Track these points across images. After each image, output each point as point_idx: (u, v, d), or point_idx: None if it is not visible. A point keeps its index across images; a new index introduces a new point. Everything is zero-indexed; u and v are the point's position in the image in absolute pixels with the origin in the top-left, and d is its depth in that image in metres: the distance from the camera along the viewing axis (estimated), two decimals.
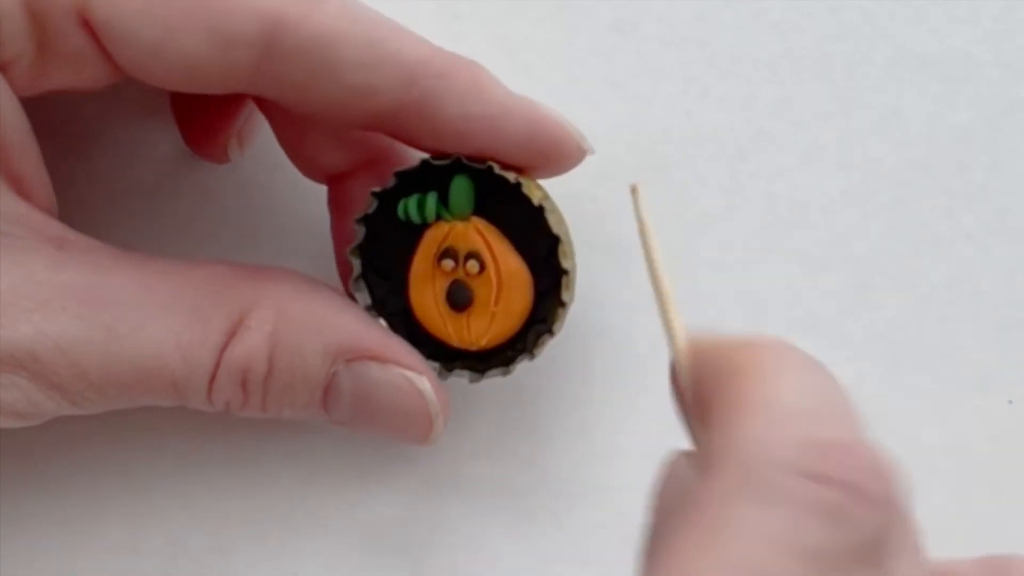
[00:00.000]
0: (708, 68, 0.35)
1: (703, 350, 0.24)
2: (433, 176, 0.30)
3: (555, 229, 0.30)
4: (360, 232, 0.31)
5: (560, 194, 0.31)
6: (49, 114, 0.30)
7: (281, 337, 0.29)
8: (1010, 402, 0.34)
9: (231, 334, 0.29)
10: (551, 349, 0.31)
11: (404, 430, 0.31)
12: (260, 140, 0.34)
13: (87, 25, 0.28)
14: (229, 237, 0.35)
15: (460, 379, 0.31)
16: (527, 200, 0.30)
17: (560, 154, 0.30)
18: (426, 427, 0.31)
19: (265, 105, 0.32)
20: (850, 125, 0.35)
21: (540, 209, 0.30)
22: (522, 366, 0.31)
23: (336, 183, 0.32)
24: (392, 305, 0.31)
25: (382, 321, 0.31)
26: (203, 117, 0.33)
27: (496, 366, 0.31)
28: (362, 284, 0.31)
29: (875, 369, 0.34)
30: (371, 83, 0.29)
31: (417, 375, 0.30)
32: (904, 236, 0.35)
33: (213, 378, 0.29)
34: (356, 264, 0.31)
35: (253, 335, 0.29)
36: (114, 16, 0.28)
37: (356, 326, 0.30)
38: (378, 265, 0.31)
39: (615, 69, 0.35)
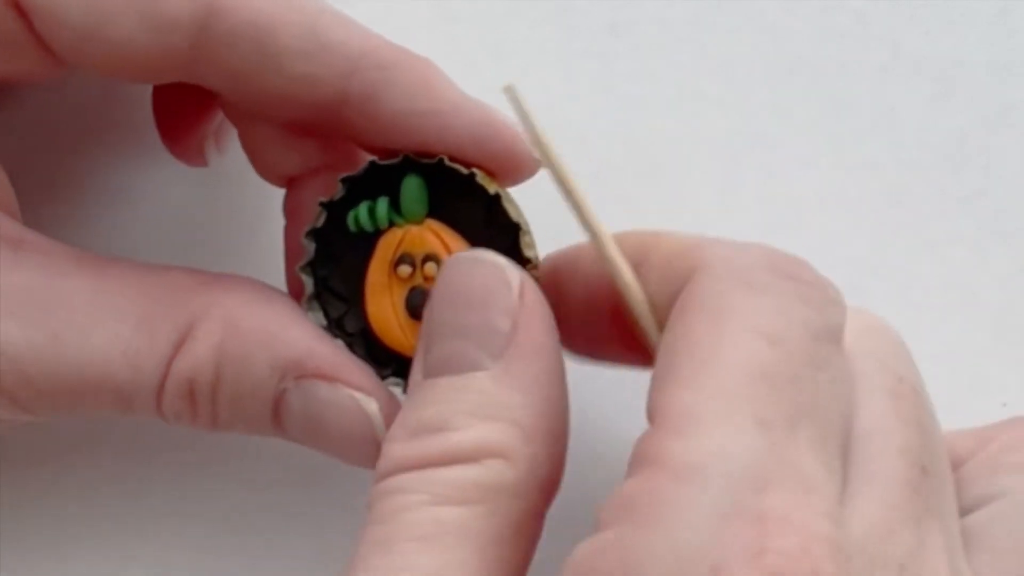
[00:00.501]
0: (703, 71, 0.35)
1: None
2: (382, 179, 0.29)
3: (515, 218, 0.29)
4: (310, 248, 0.29)
5: (555, 198, 0.31)
6: (13, 112, 0.30)
7: (228, 349, 0.28)
8: (1004, 405, 0.34)
9: (179, 344, 0.28)
10: None
11: (350, 453, 0.29)
12: (236, 143, 0.34)
13: (18, 8, 0.27)
14: (199, 241, 0.35)
15: None
16: (482, 191, 0.28)
17: (512, 158, 0.29)
18: (372, 452, 0.28)
19: (226, 105, 0.31)
20: (844, 127, 0.35)
21: (496, 198, 0.29)
22: None
23: (293, 187, 0.31)
24: (349, 323, 0.30)
25: (339, 342, 0.29)
26: (179, 117, 0.33)
27: None
28: (315, 304, 0.29)
29: None
30: (312, 72, 0.28)
31: (365, 397, 0.29)
32: (898, 238, 0.35)
33: (161, 388, 0.28)
34: (308, 282, 0.29)
35: (200, 345, 0.28)
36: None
37: (307, 342, 0.29)
38: (331, 280, 0.30)
39: (610, 72, 0.35)
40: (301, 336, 0.29)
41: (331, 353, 0.29)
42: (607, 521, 0.22)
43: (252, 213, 0.35)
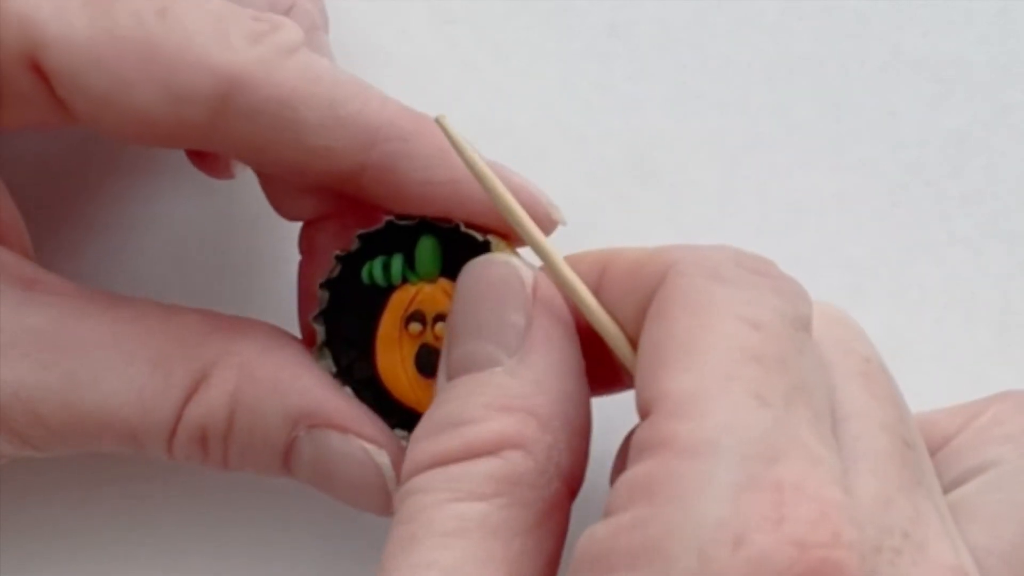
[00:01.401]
0: (702, 72, 0.35)
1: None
2: (398, 236, 0.29)
3: None
4: (324, 297, 0.30)
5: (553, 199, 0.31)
6: (24, 147, 0.30)
7: (242, 397, 0.29)
8: None
9: (192, 390, 0.28)
10: None
11: (361, 501, 0.30)
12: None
13: (38, 71, 0.27)
14: (217, 267, 0.35)
15: None
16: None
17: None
18: (383, 500, 0.29)
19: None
20: (844, 128, 0.35)
21: None
22: None
23: (308, 225, 0.31)
24: (359, 372, 0.30)
25: (348, 390, 0.30)
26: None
27: None
28: (326, 352, 0.30)
29: None
30: (330, 145, 0.28)
31: (377, 449, 0.29)
32: (898, 239, 0.35)
33: (173, 433, 0.28)
34: (320, 331, 0.30)
35: (214, 393, 0.28)
36: (65, 65, 0.27)
37: (320, 391, 0.29)
38: (343, 330, 0.30)
39: (609, 73, 0.35)
40: (314, 385, 0.29)
41: (344, 404, 0.29)
42: (620, 505, 0.23)
43: (269, 233, 0.35)
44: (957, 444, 0.27)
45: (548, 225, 0.29)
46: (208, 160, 0.33)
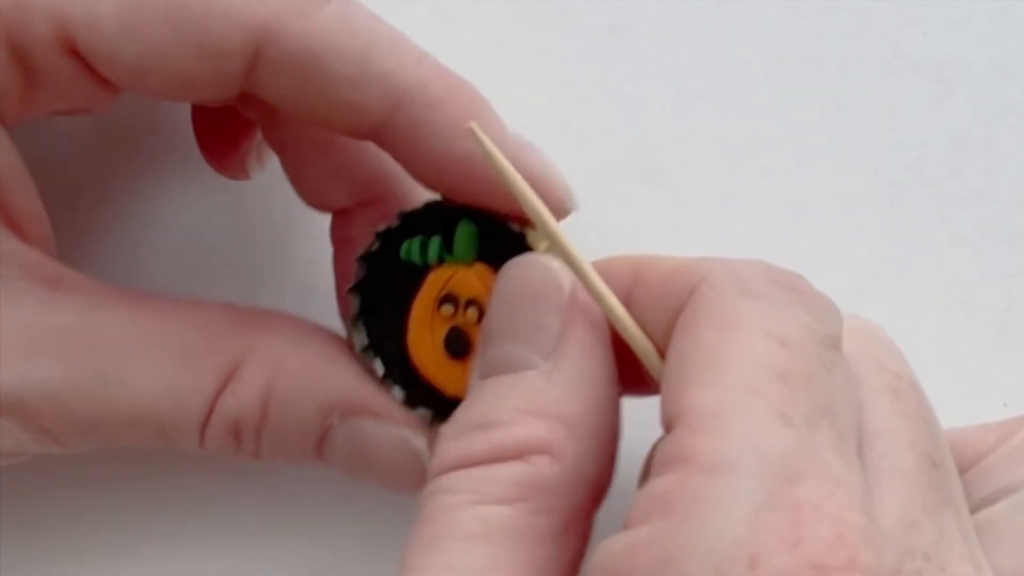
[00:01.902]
0: (702, 72, 0.35)
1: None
2: (438, 218, 0.30)
3: None
4: (360, 270, 0.30)
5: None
6: (47, 142, 0.30)
7: (275, 389, 0.29)
8: (1005, 405, 0.34)
9: (224, 383, 0.28)
10: None
11: (398, 485, 0.30)
12: (274, 164, 0.34)
13: (73, 52, 0.27)
14: (234, 266, 0.35)
15: None
16: (531, 252, 0.29)
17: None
18: (420, 483, 0.29)
19: (268, 134, 0.32)
20: (844, 128, 0.35)
21: None
22: None
23: (340, 216, 0.32)
24: (389, 346, 0.30)
25: (378, 362, 0.30)
26: (222, 133, 0.33)
27: None
28: (360, 324, 0.30)
29: None
30: (358, 101, 0.28)
31: (412, 433, 0.30)
32: (898, 239, 0.35)
33: (205, 426, 0.29)
34: (355, 302, 0.30)
35: (247, 386, 0.28)
36: (96, 41, 0.27)
37: (352, 380, 0.29)
38: (378, 305, 0.30)
39: (609, 73, 0.35)
40: (346, 375, 0.29)
41: (375, 390, 0.30)
42: (638, 519, 0.23)
43: (285, 232, 0.35)
44: (988, 463, 0.27)
45: (561, 212, 0.29)
46: (224, 162, 0.33)
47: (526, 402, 0.26)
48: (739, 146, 0.35)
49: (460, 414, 0.27)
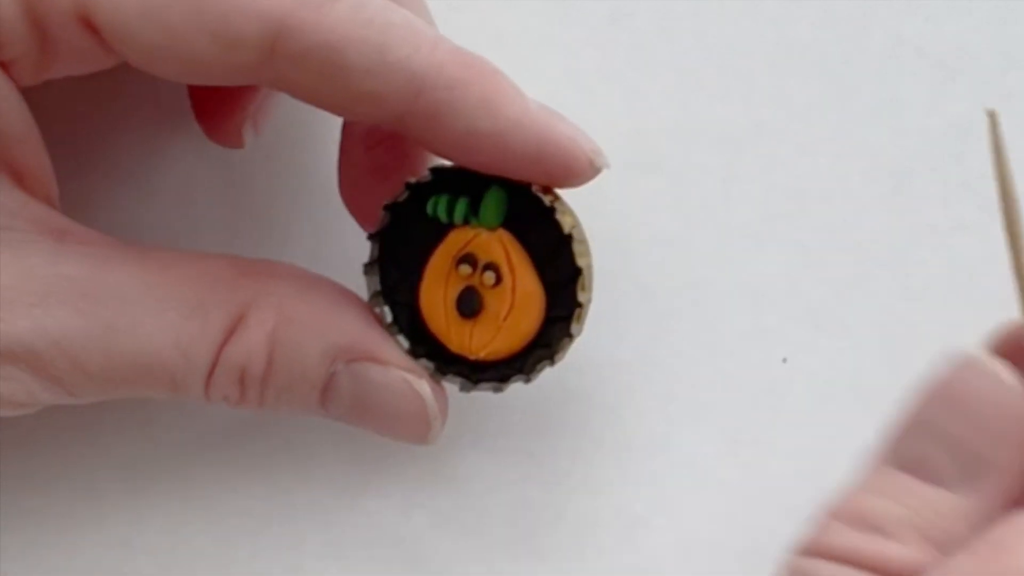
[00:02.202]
0: (704, 59, 0.35)
1: None
2: (469, 180, 0.30)
3: (579, 261, 0.30)
4: (385, 218, 0.30)
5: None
6: (52, 99, 0.30)
7: (281, 336, 0.29)
8: None
9: (230, 331, 0.29)
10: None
11: (402, 431, 0.31)
12: (272, 126, 0.34)
13: (90, 27, 0.27)
14: (233, 224, 0.35)
15: (450, 384, 0.31)
16: (558, 226, 0.30)
17: (568, 174, 0.29)
18: (424, 429, 0.30)
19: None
20: (846, 115, 0.35)
21: (568, 238, 0.30)
22: (515, 387, 0.31)
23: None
24: (400, 296, 0.31)
25: (387, 310, 0.31)
26: (217, 101, 0.33)
27: (490, 380, 0.31)
28: (375, 269, 0.31)
29: (873, 359, 0.34)
30: (376, 90, 0.28)
31: (416, 378, 0.30)
32: (901, 226, 0.35)
33: (211, 375, 0.29)
34: (374, 249, 0.31)
35: (253, 333, 0.29)
36: (115, 19, 0.27)
37: (357, 326, 0.30)
38: (396, 254, 0.31)
39: (611, 61, 0.35)
40: (351, 321, 0.30)
41: (381, 336, 0.30)
42: None
43: (284, 195, 0.35)
44: None
45: (591, 172, 0.29)
46: (219, 130, 0.33)
47: (928, 525, 0.25)
48: (741, 133, 0.35)
49: (857, 494, 0.26)
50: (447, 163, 0.30)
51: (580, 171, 0.29)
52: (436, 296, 0.30)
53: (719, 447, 0.34)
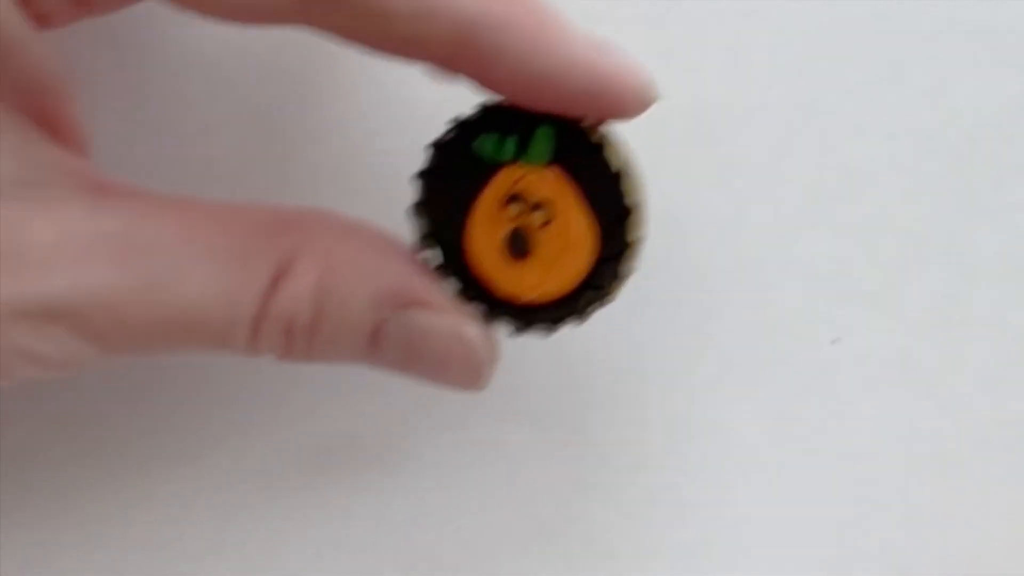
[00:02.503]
0: (757, 38, 0.35)
1: None
2: (518, 116, 0.29)
3: (628, 199, 0.29)
4: (431, 157, 0.30)
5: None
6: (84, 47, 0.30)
7: (328, 284, 0.28)
8: None
9: (276, 280, 0.28)
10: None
11: (453, 377, 0.30)
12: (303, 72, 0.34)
13: None
14: (269, 173, 0.34)
15: (502, 328, 0.30)
16: (606, 164, 0.29)
17: (621, 108, 0.29)
18: (475, 374, 0.30)
19: None
20: (900, 95, 0.35)
21: (617, 176, 0.29)
22: (567, 328, 0.30)
23: None
24: (447, 237, 0.30)
25: (434, 253, 0.30)
26: None
27: (541, 323, 0.30)
28: (421, 211, 0.30)
29: (926, 340, 0.34)
30: (421, 34, 0.27)
31: (466, 322, 0.29)
32: (954, 206, 0.35)
33: (258, 326, 0.28)
34: (420, 189, 0.30)
35: (299, 282, 0.28)
36: None
37: (404, 272, 0.29)
38: (441, 195, 0.30)
39: (664, 39, 0.35)
40: (398, 266, 0.29)
41: (428, 282, 0.29)
42: None
43: (319, 141, 0.35)
44: None
45: (643, 104, 0.29)
46: None
47: None
48: (794, 113, 0.35)
49: None
50: (495, 98, 0.29)
51: (633, 104, 0.29)
52: (484, 237, 0.30)
53: (769, 427, 0.33)
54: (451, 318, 0.29)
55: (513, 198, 0.29)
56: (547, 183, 0.29)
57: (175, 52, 0.34)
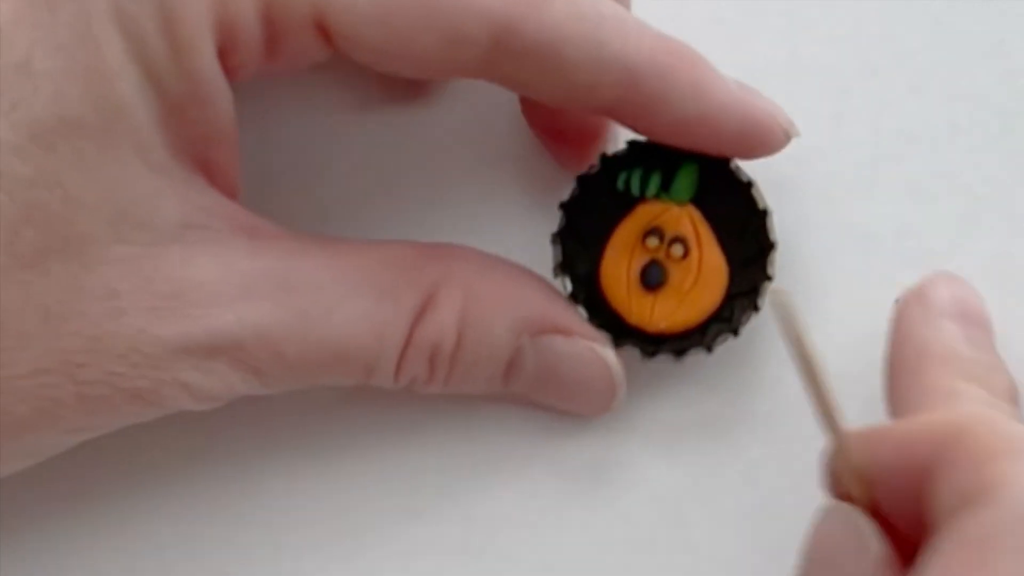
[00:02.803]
0: (812, 2, 0.35)
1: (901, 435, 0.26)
2: (663, 153, 0.31)
3: (772, 237, 0.31)
4: (574, 190, 0.31)
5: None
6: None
7: (470, 313, 0.30)
8: None
9: (421, 312, 0.30)
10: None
11: (587, 400, 0.32)
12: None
13: (322, 30, 0.28)
14: (407, 211, 0.35)
15: (629, 353, 0.31)
16: (753, 201, 0.31)
17: (765, 147, 0.31)
18: (609, 396, 0.32)
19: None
20: (955, 56, 0.35)
21: (764, 212, 0.31)
22: (693, 358, 0.31)
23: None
24: (580, 269, 0.31)
25: (567, 280, 0.31)
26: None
27: (667, 351, 0.31)
28: (557, 241, 0.31)
29: (987, 300, 0.34)
30: (593, 82, 0.29)
31: (602, 346, 0.31)
32: (1012, 167, 0.35)
33: (403, 356, 0.30)
34: (561, 219, 0.31)
35: (443, 312, 0.30)
36: (351, 26, 0.28)
37: (540, 300, 0.31)
38: (580, 226, 0.31)
39: (719, 5, 0.35)
40: (535, 295, 0.31)
41: (565, 308, 0.31)
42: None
43: (454, 177, 0.35)
44: None
45: (785, 143, 0.31)
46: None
47: None
48: (850, 75, 0.35)
49: None
50: (641, 137, 0.31)
51: (777, 143, 0.31)
52: (619, 268, 0.31)
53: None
54: (588, 343, 0.31)
55: (652, 231, 0.31)
56: (686, 219, 0.31)
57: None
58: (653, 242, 0.31)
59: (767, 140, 0.31)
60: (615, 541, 0.33)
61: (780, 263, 0.33)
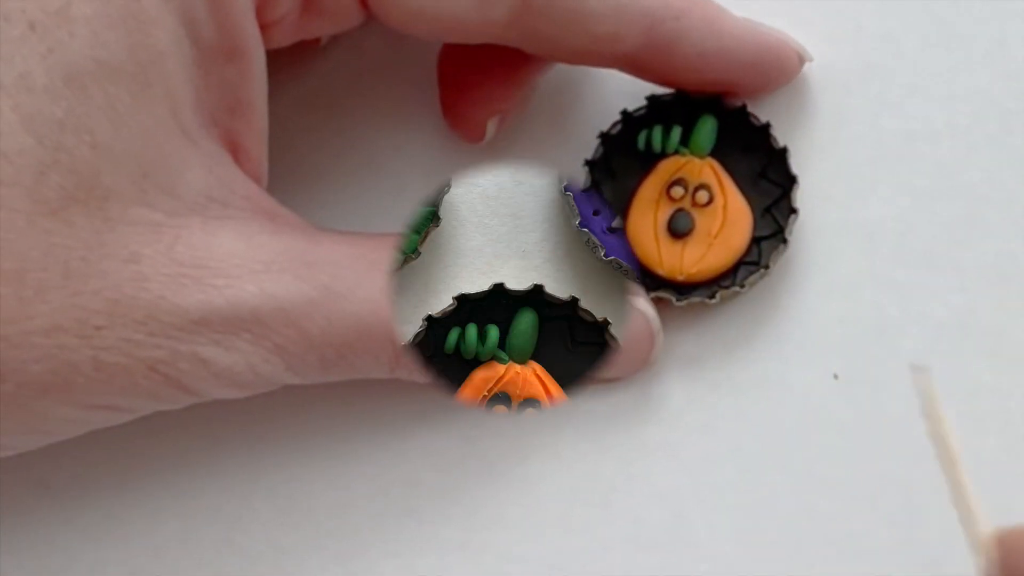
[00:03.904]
0: (812, 2, 0.35)
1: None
2: (682, 107, 0.32)
3: (794, 171, 0.32)
4: (598, 149, 0.32)
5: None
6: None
7: None
8: None
9: None
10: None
11: (628, 353, 0.32)
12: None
13: None
14: None
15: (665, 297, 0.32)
16: (772, 141, 0.32)
17: (783, 74, 0.33)
18: (649, 347, 0.32)
19: None
20: (955, 57, 0.35)
21: (784, 151, 0.32)
22: (727, 302, 0.33)
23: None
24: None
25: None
26: (472, 96, 0.34)
27: (700, 294, 0.32)
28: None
29: (986, 299, 0.34)
30: (616, 31, 0.30)
31: (639, 299, 0.32)
32: (1011, 166, 0.35)
33: None
34: (585, 177, 0.32)
35: None
36: None
37: None
38: (606, 182, 0.32)
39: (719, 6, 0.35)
40: None
41: None
42: None
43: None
44: None
45: (800, 67, 0.33)
46: (464, 122, 0.34)
47: None
48: (851, 75, 0.35)
49: None
50: (661, 90, 0.32)
51: (792, 68, 0.33)
52: (645, 222, 0.32)
53: (829, 385, 0.34)
54: (631, 297, 0.32)
55: (677, 182, 0.32)
56: (708, 168, 0.32)
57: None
58: (678, 192, 0.32)
59: (784, 66, 0.32)
60: (615, 540, 0.33)
61: (780, 263, 0.33)
